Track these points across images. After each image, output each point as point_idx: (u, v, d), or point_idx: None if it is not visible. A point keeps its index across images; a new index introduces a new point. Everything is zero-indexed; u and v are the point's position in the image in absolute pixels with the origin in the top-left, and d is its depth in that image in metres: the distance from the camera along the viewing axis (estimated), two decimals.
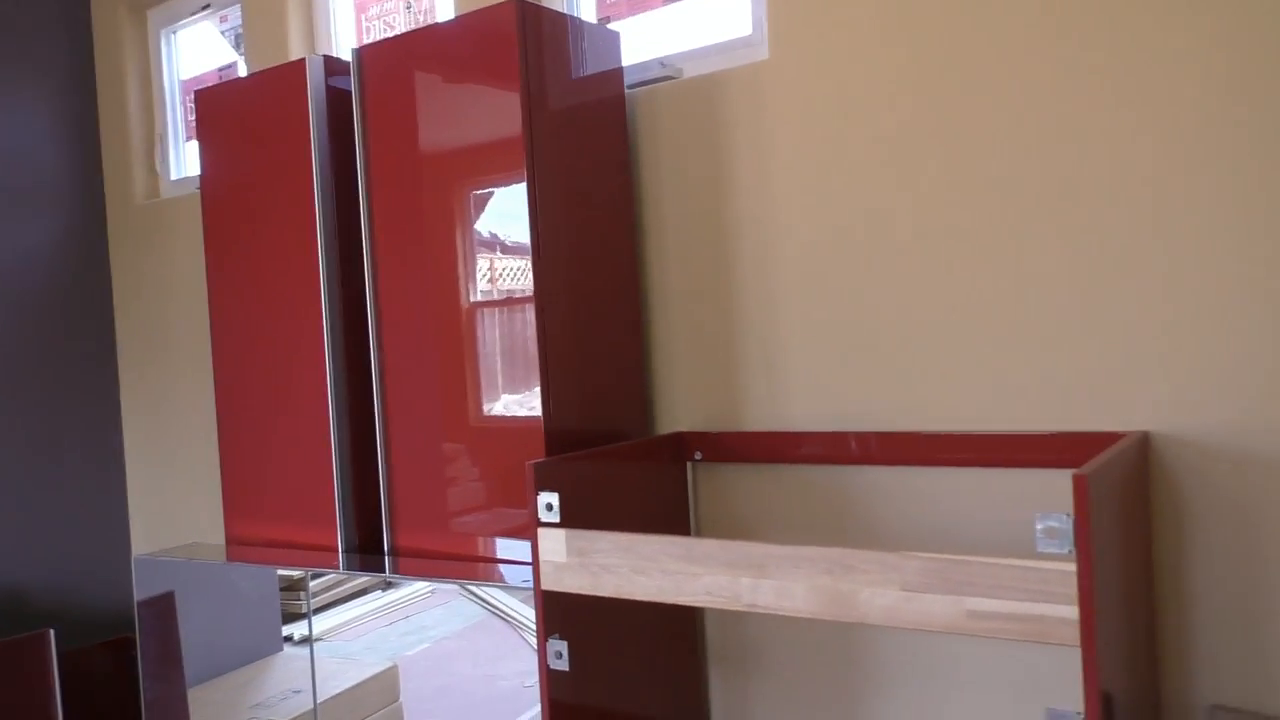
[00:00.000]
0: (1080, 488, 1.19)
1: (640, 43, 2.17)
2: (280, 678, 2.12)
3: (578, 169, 1.90)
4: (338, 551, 2.09)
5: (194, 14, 2.94)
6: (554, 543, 1.60)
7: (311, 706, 2.07)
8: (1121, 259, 1.60)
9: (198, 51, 3.02)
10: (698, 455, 1.99)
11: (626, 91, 2.06)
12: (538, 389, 1.80)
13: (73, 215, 3.03)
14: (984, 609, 1.25)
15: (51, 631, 2.30)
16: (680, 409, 2.04)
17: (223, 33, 2.94)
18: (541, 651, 1.64)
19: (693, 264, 2.01)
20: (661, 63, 2.07)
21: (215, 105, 2.22)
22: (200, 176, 2.25)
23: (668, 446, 1.96)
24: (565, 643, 1.63)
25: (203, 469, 2.90)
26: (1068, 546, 1.20)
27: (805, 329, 1.89)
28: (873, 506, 1.84)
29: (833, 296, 1.86)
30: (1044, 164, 1.65)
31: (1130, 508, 1.46)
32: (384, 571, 1.94)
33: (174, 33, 3.04)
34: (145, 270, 3.01)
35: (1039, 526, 1.22)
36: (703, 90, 1.97)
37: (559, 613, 1.65)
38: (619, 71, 2.01)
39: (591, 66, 1.94)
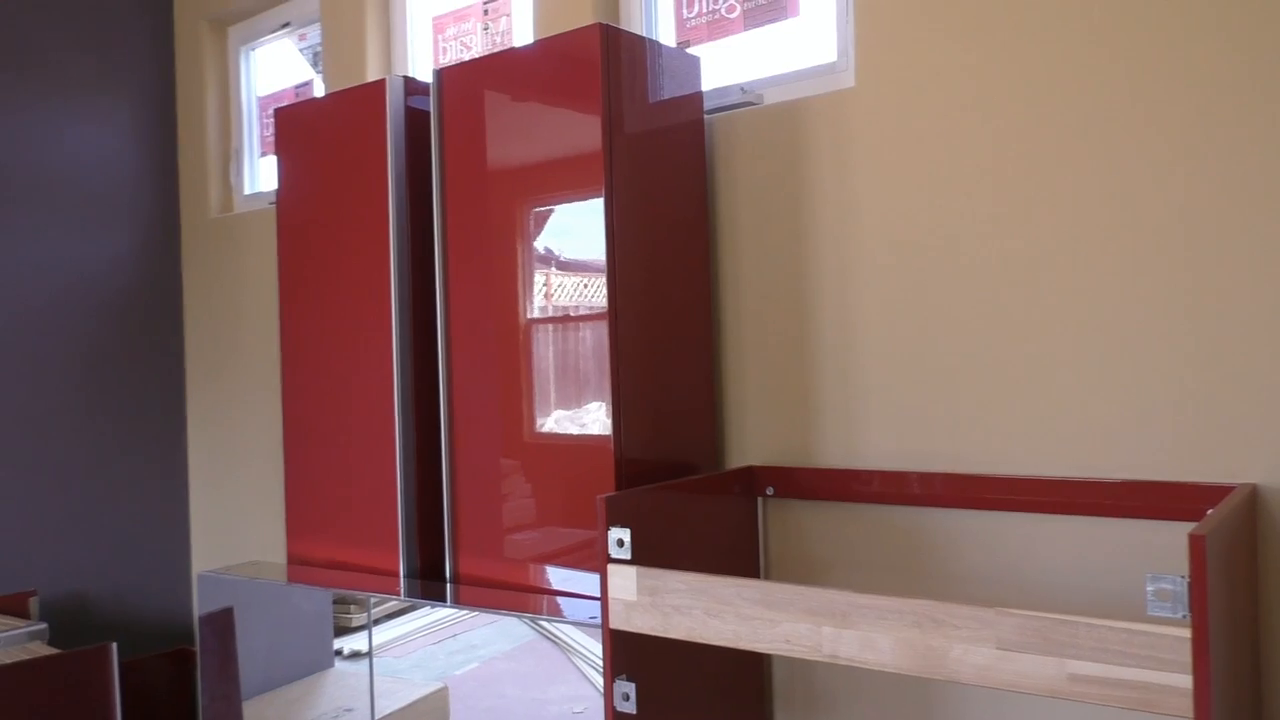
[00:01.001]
0: (1198, 548, 1.11)
1: (720, 68, 2.13)
2: (332, 694, 2.10)
3: (654, 192, 1.86)
4: (399, 575, 2.06)
5: (274, 32, 2.97)
6: (624, 580, 1.55)
7: None
8: (1231, 300, 1.51)
9: (275, 68, 3.05)
10: (770, 491, 1.93)
11: (706, 117, 2.02)
12: (608, 415, 1.76)
13: (148, 227, 3.07)
14: (1088, 673, 1.18)
15: (114, 645, 2.30)
16: (750, 441, 1.98)
17: (301, 51, 2.96)
18: (608, 693, 1.58)
19: (768, 292, 1.96)
20: (742, 88, 2.03)
21: (295, 123, 2.22)
22: (277, 192, 2.25)
23: (739, 481, 1.91)
24: (634, 685, 1.58)
25: (266, 486, 2.90)
26: (1182, 611, 1.12)
27: (884, 362, 1.83)
28: (952, 552, 1.76)
29: (914, 329, 1.80)
30: (1146, 194, 1.58)
31: (1238, 566, 1.37)
32: (445, 600, 1.90)
33: (253, 50, 3.08)
34: (216, 284, 3.03)
35: (1150, 588, 1.14)
36: (785, 117, 1.93)
37: (627, 653, 1.60)
38: (698, 96, 1.97)
39: (671, 90, 1.90)
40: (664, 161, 1.88)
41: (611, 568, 1.56)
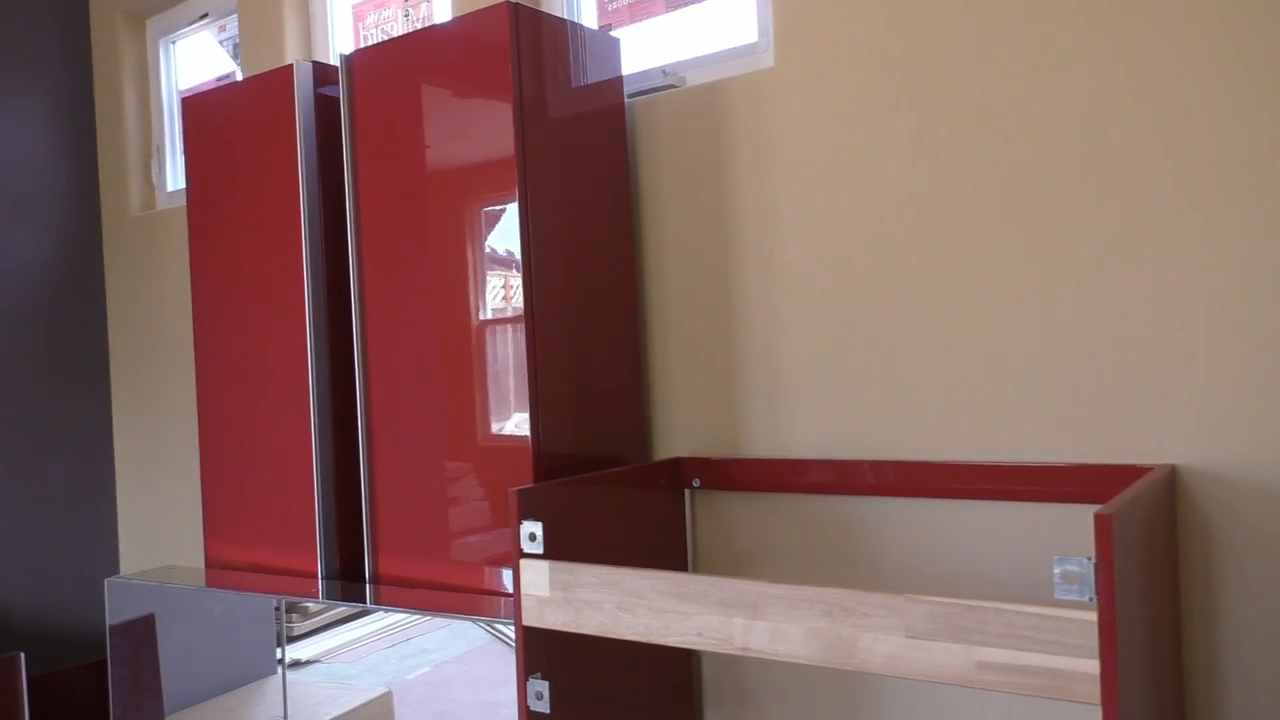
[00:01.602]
0: (1103, 528, 1.08)
1: (645, 51, 2.08)
2: (270, 703, 2.04)
3: (573, 182, 1.81)
4: (318, 578, 1.99)
5: (192, 23, 2.88)
6: (537, 575, 1.50)
7: None
8: (1148, 283, 1.49)
9: (197, 62, 2.96)
10: (696, 483, 1.88)
11: (627, 101, 1.97)
12: (525, 411, 1.71)
13: (68, 226, 2.97)
14: (996, 660, 1.15)
15: (22, 655, 2.21)
16: (680, 434, 1.94)
17: (221, 42, 2.88)
18: (521, 692, 1.53)
19: (693, 281, 1.92)
20: (664, 71, 1.99)
21: (202, 113, 2.14)
22: (186, 187, 2.18)
23: (664, 473, 1.86)
24: (547, 683, 1.53)
25: (192, 488, 2.81)
26: (1089, 593, 1.09)
27: (809, 350, 1.79)
28: (881, 540, 1.73)
29: (838, 316, 1.76)
30: (1062, 181, 1.55)
31: (1155, 548, 1.35)
32: (364, 601, 1.84)
33: (173, 43, 2.99)
34: (139, 283, 2.94)
35: (1057, 571, 1.11)
36: (705, 99, 1.88)
37: (542, 650, 1.55)
38: (618, 79, 1.92)
39: (590, 74, 1.85)
40: (583, 147, 1.83)
41: (524, 563, 1.51)
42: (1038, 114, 1.57)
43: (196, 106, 2.15)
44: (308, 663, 1.96)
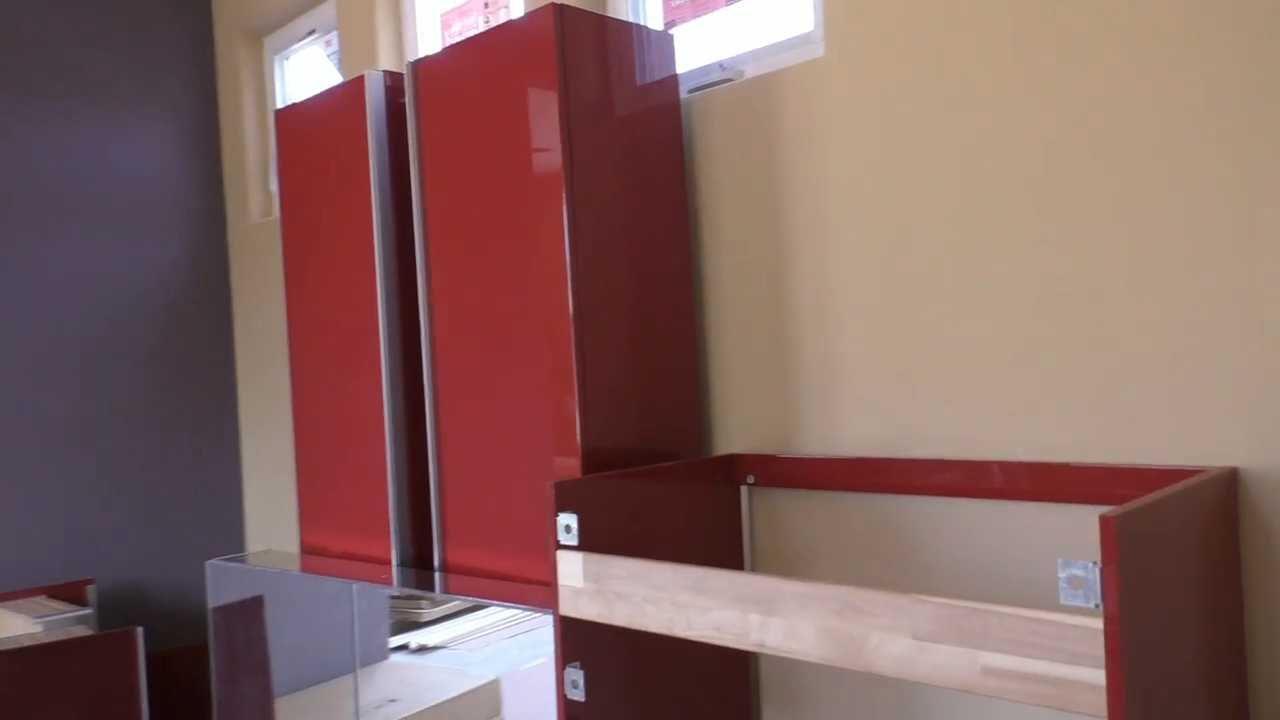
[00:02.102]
0: (1109, 531, 1.03)
1: (707, 46, 2.08)
2: (382, 686, 2.13)
3: (628, 179, 1.83)
4: (392, 565, 2.09)
5: (302, 39, 3.05)
6: (571, 566, 1.53)
7: (407, 714, 2.06)
8: (1211, 273, 1.39)
9: (307, 76, 3.13)
10: (750, 479, 1.88)
11: (685, 96, 1.97)
12: (574, 404, 1.74)
13: (197, 234, 3.19)
14: (1000, 665, 1.10)
15: (140, 630, 2.40)
16: (737, 430, 1.94)
17: (328, 56, 3.03)
18: (559, 680, 1.57)
19: (749, 275, 1.91)
20: (721, 65, 1.98)
21: (291, 124, 2.27)
22: (279, 195, 2.31)
23: (718, 469, 1.86)
24: (582, 672, 1.56)
25: None
26: (1094, 599, 1.04)
27: (863, 346, 1.76)
28: (937, 541, 1.68)
29: (892, 311, 1.72)
30: (1123, 171, 1.47)
31: (1201, 554, 1.26)
32: (433, 589, 1.92)
33: (286, 58, 3.17)
34: (261, 286, 3.14)
35: (1062, 575, 1.06)
36: (758, 92, 1.87)
37: (580, 640, 1.58)
38: (673, 76, 1.93)
39: (643, 72, 1.87)
40: (638, 145, 1.85)
41: (560, 554, 1.55)
42: (1099, 101, 1.49)
43: (286, 119, 2.28)
44: (434, 648, 2.04)
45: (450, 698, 2.00)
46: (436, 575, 1.98)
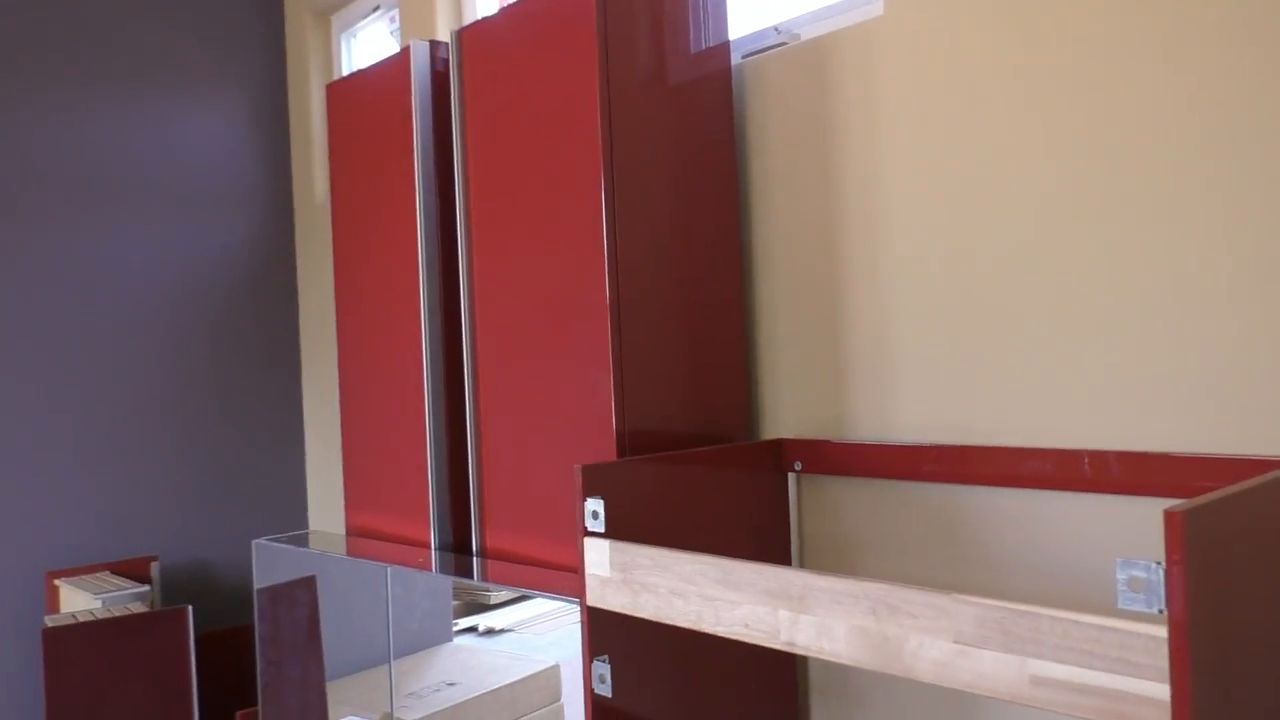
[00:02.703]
0: (1174, 528, 0.90)
1: (762, 10, 1.97)
2: (442, 668, 2.10)
3: (672, 151, 1.73)
4: (432, 548, 2.04)
5: (366, 16, 3.02)
6: (598, 554, 1.45)
7: (460, 701, 2.03)
8: None
9: (373, 53, 3.11)
10: (798, 466, 1.76)
11: (738, 62, 1.87)
12: (609, 386, 1.66)
13: (264, 214, 3.20)
14: (1051, 675, 0.98)
15: (189, 608, 2.40)
16: (785, 413, 1.83)
17: (392, 33, 3.00)
18: (586, 674, 1.49)
19: (801, 250, 1.79)
20: (777, 29, 1.87)
21: (342, 99, 2.23)
22: (330, 170, 2.28)
23: (765, 455, 1.76)
24: (609, 665, 1.47)
25: None
26: (1157, 604, 0.91)
27: (919, 327, 1.63)
28: (996, 534, 1.55)
29: (950, 291, 1.59)
30: (1202, 143, 1.32)
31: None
32: (470, 576, 1.86)
33: (353, 36, 3.15)
34: (325, 266, 3.13)
35: (1121, 576, 0.94)
36: (813, 55, 1.75)
37: (609, 632, 1.50)
38: (725, 43, 1.82)
39: (693, 38, 1.77)
40: (685, 113, 1.75)
41: (587, 541, 1.47)
42: (1174, 65, 1.34)
43: (337, 93, 2.24)
44: (501, 631, 2.00)
45: (508, 683, 1.95)
46: (475, 561, 1.92)
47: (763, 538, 1.75)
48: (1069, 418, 1.46)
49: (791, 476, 1.82)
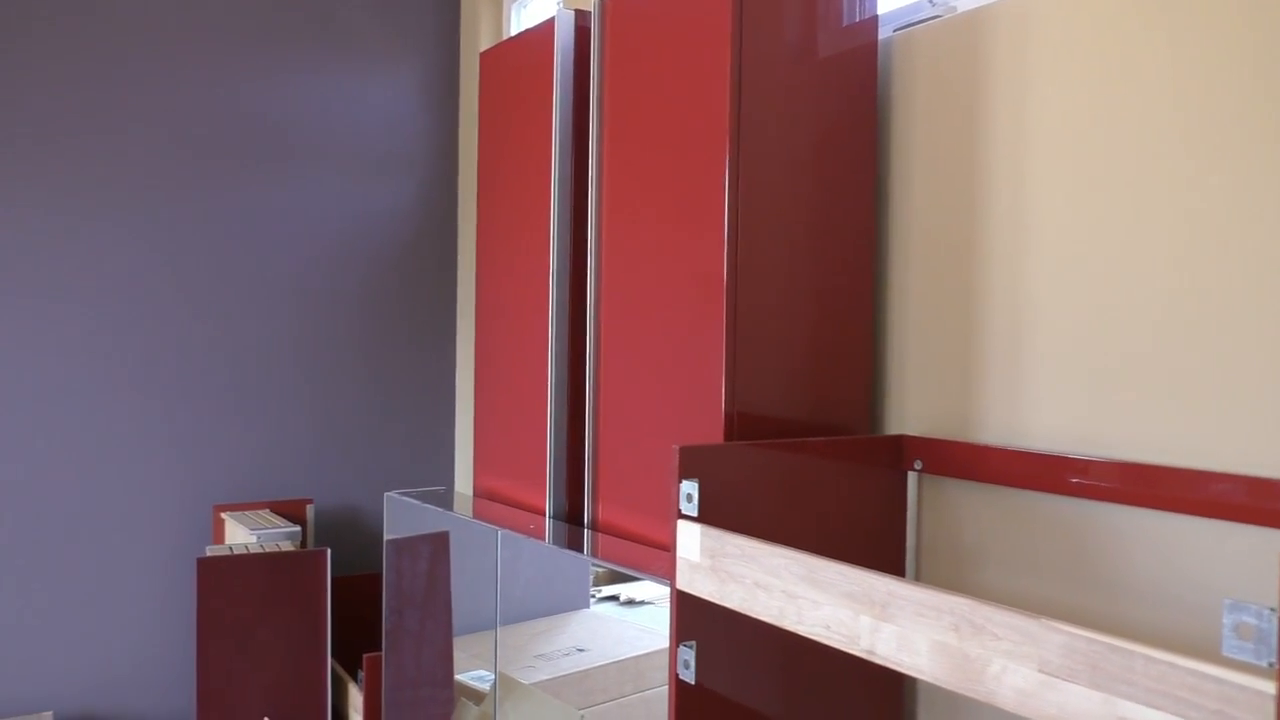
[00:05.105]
0: None
1: None
2: (574, 634, 2.14)
3: (809, 127, 1.66)
4: (546, 517, 2.05)
5: None
6: (689, 538, 1.42)
7: (590, 666, 2.05)
8: None
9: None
10: (918, 465, 1.67)
11: (890, 34, 1.77)
12: (722, 368, 1.61)
13: (430, 179, 3.31)
14: (1141, 719, 0.88)
15: (328, 551, 2.52)
16: (909, 408, 1.73)
17: (557, 2, 3.02)
18: (672, 659, 1.46)
19: (940, 236, 1.68)
20: (932, 1, 1.76)
21: (493, 67, 2.26)
22: (479, 138, 2.32)
23: (883, 450, 1.67)
24: (694, 651, 1.44)
25: None
26: (1268, 656, 0.80)
27: (1061, 327, 1.50)
28: (1130, 557, 1.42)
29: (1098, 288, 1.45)
30: None
31: None
32: (581, 549, 1.87)
33: (524, 6, 3.19)
34: None
35: (1227, 621, 0.83)
36: (964, 29, 1.63)
37: (698, 618, 1.47)
38: (874, 16, 1.73)
39: (840, 11, 1.68)
40: (825, 90, 1.67)
41: (680, 524, 1.44)
42: None
43: (489, 60, 2.27)
44: (641, 603, 2.02)
45: (634, 655, 1.96)
46: (585, 533, 1.93)
47: (876, 539, 1.67)
48: (1236, 439, 1.31)
49: (911, 476, 1.72)
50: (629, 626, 1.95)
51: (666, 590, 1.88)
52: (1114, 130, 1.44)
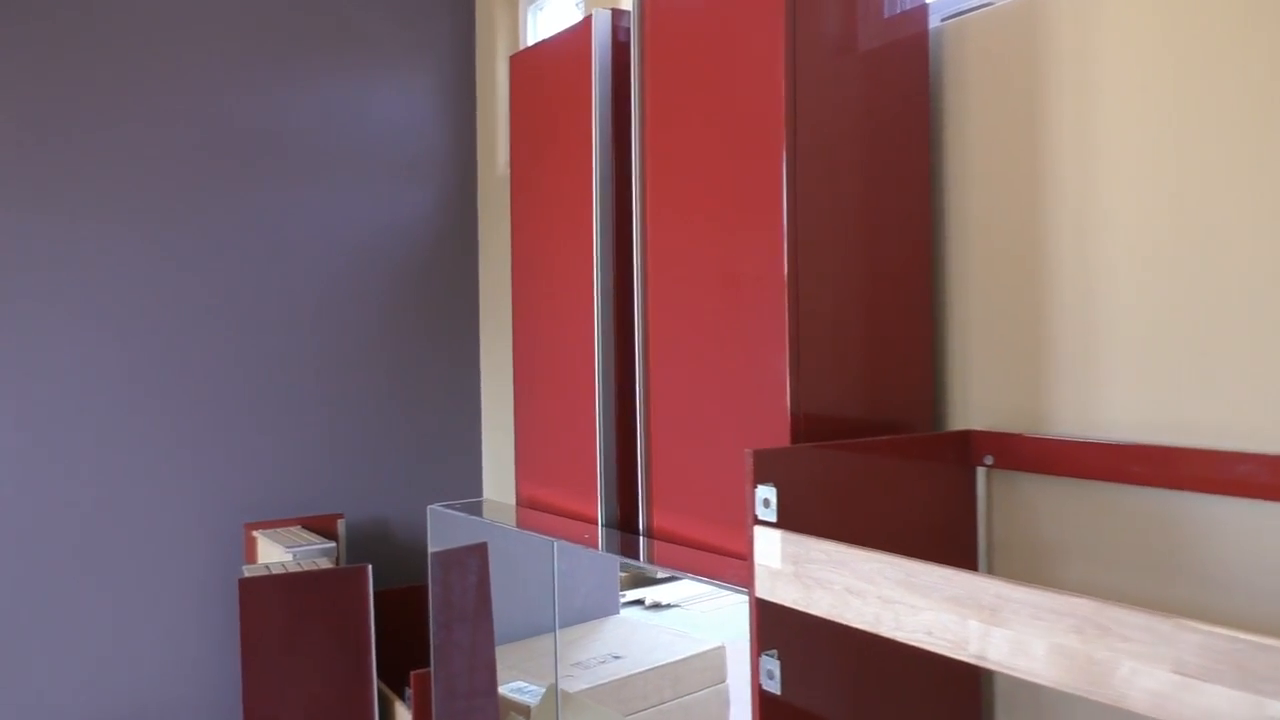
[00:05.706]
0: None
1: None
2: (607, 640, 2.11)
3: (862, 119, 1.63)
4: (598, 525, 2.02)
5: None
6: (769, 545, 1.38)
7: (625, 675, 2.02)
8: None
9: (559, 26, 3.11)
10: (988, 460, 1.63)
11: (938, 25, 1.73)
12: (785, 368, 1.58)
13: (449, 185, 3.27)
14: None
15: (369, 567, 2.48)
16: (976, 402, 1.69)
17: (576, 5, 2.99)
18: (754, 669, 1.43)
19: (1000, 223, 1.65)
20: None
21: (524, 69, 2.23)
22: (510, 140, 2.28)
23: (952, 446, 1.64)
24: (778, 662, 1.40)
25: None
26: None
27: (1133, 314, 1.47)
28: (1218, 549, 1.38)
29: (1171, 274, 1.42)
30: None
31: None
32: (638, 558, 1.83)
33: (540, 9, 3.16)
34: (506, 237, 3.17)
35: None
36: (1021, 16, 1.60)
37: (779, 626, 1.43)
38: (923, 6, 1.69)
39: (883, 0, 1.65)
40: (877, 81, 1.64)
41: (757, 530, 1.40)
42: None
43: (520, 63, 2.24)
44: (667, 606, 1.99)
45: (674, 660, 1.93)
46: (641, 541, 1.89)
47: (946, 537, 1.64)
48: None
49: (980, 472, 1.69)
50: (661, 631, 1.92)
51: (695, 592, 1.85)
52: (1188, 110, 1.40)
